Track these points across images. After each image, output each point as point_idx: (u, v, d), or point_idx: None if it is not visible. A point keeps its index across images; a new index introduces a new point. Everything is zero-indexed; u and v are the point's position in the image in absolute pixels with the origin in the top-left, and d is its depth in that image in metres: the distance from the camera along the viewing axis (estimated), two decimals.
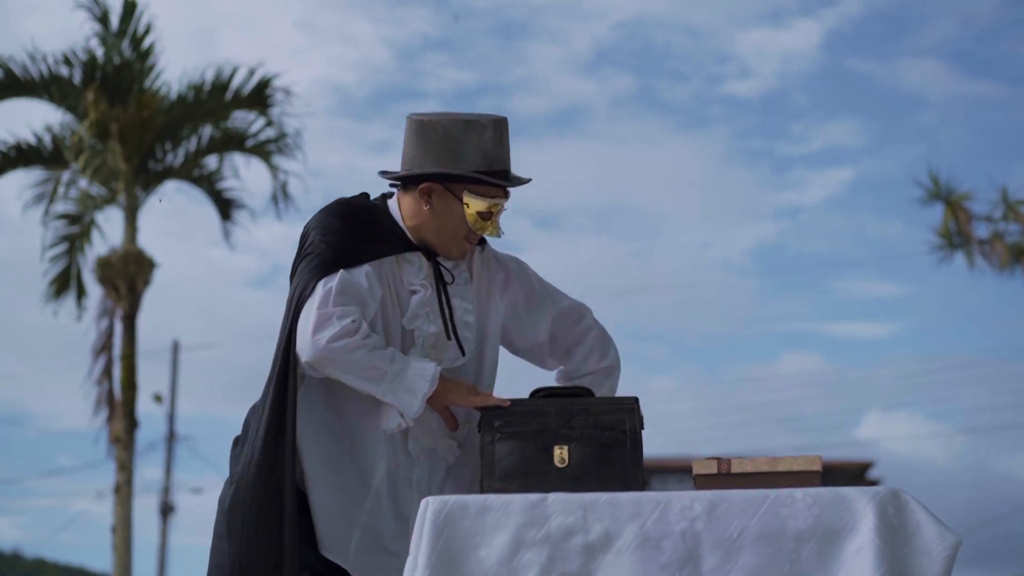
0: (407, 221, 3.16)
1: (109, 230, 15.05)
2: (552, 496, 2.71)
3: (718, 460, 2.85)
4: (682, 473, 22.44)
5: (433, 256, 3.16)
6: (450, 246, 3.15)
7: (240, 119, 15.01)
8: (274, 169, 15.04)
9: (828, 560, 2.63)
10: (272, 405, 3.00)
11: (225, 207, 15.48)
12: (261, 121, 14.96)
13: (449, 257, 3.17)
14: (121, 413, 14.44)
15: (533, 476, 2.91)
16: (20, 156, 14.65)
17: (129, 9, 14.72)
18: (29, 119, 18.56)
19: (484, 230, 3.12)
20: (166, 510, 24.31)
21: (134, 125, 14.21)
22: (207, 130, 14.94)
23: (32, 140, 14.61)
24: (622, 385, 3.37)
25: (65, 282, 14.63)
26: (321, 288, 3.00)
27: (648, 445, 3.02)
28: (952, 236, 14.85)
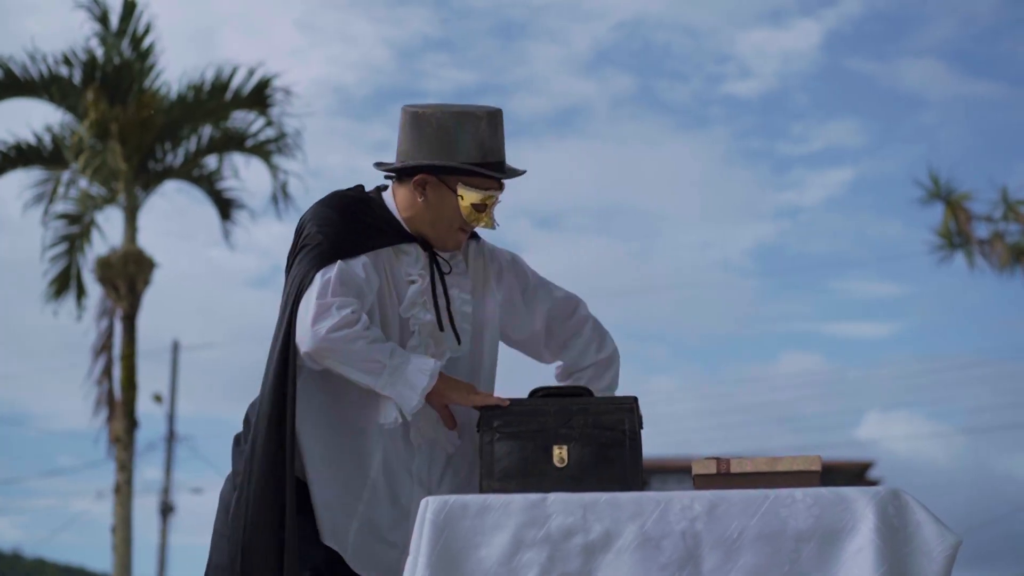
0: (402, 212, 3.16)
1: (109, 230, 15.08)
2: (552, 496, 2.71)
3: (718, 460, 2.84)
4: (682, 473, 22.43)
5: (429, 247, 3.17)
6: (445, 237, 3.15)
7: (240, 119, 15.01)
8: (274, 169, 15.03)
9: (828, 560, 2.63)
10: (272, 399, 2.99)
11: (225, 207, 15.47)
12: (261, 121, 14.96)
13: (444, 248, 3.18)
14: (121, 413, 14.43)
15: (532, 476, 2.91)
16: (20, 156, 14.64)
17: (129, 9, 14.72)
18: (29, 119, 18.59)
19: (478, 222, 3.12)
20: (166, 510, 24.32)
21: (134, 125, 14.20)
22: (207, 130, 14.93)
23: (32, 140, 14.60)
24: (622, 385, 3.36)
25: (65, 282, 14.62)
26: (320, 279, 2.99)
27: (648, 445, 3.02)
28: (952, 236, 14.85)
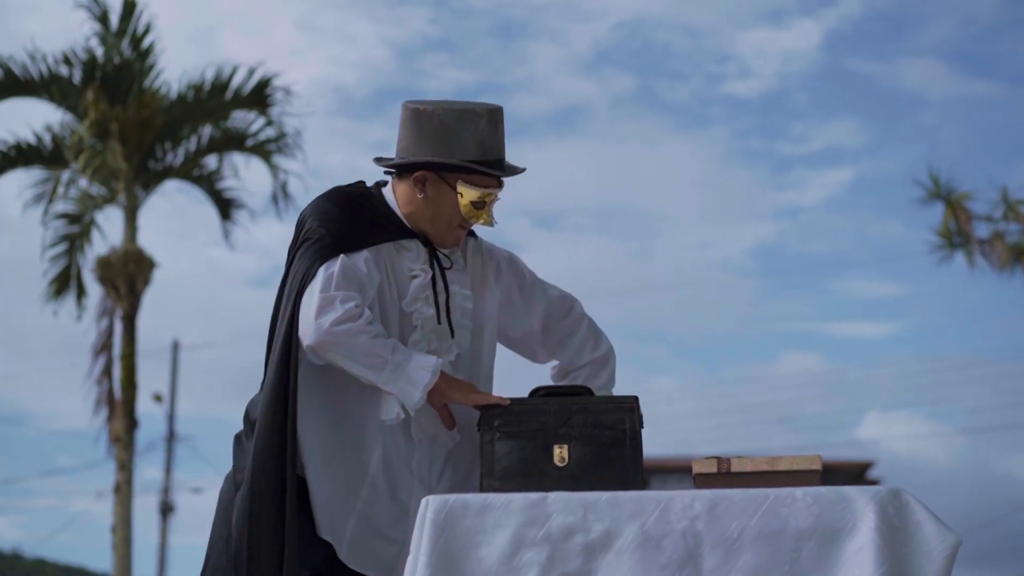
0: (402, 208, 3.17)
1: (109, 230, 15.07)
2: (552, 495, 2.71)
3: (718, 459, 2.84)
4: (682, 473, 22.43)
5: (430, 243, 3.17)
6: (444, 234, 3.16)
7: (240, 119, 15.00)
8: (274, 169, 15.03)
9: (828, 559, 2.62)
10: (274, 394, 2.99)
11: (225, 207, 15.46)
12: (261, 121, 14.96)
13: (443, 245, 3.18)
14: (121, 413, 14.43)
15: (533, 475, 2.91)
16: (20, 156, 14.64)
17: (129, 9, 14.71)
18: (29, 119, 18.61)
19: (478, 219, 3.13)
20: (166, 510, 24.32)
21: (134, 125, 14.20)
22: (207, 130, 14.92)
23: (32, 140, 14.59)
24: (621, 385, 3.37)
25: (65, 282, 14.61)
26: (323, 273, 3.00)
27: (648, 445, 3.01)
28: (952, 236, 14.85)
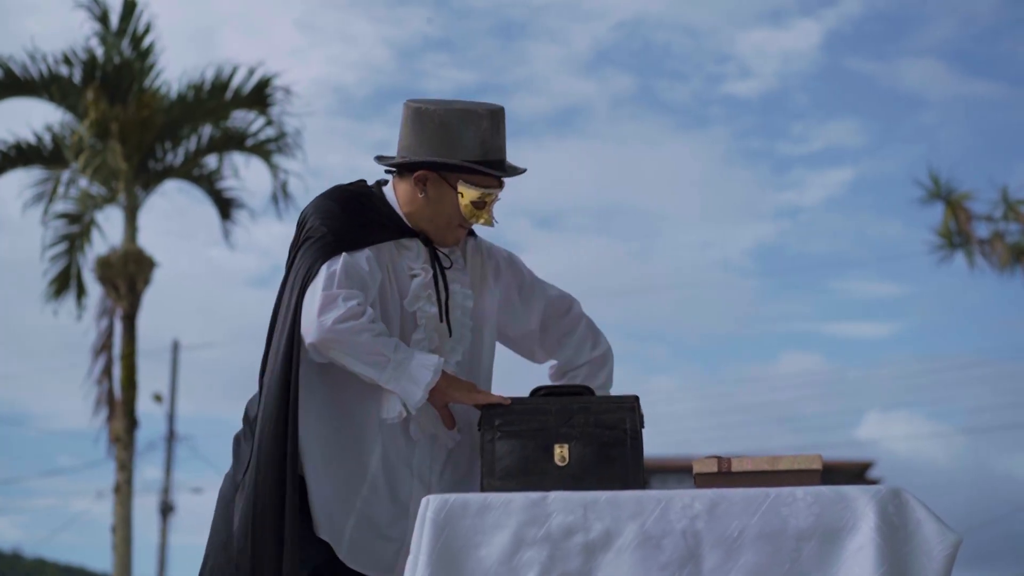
0: (403, 207, 3.17)
1: (109, 229, 15.09)
2: (553, 495, 2.71)
3: (718, 459, 2.84)
4: (682, 473, 22.44)
5: (430, 242, 3.18)
6: (444, 233, 3.17)
7: (240, 118, 15.00)
8: (274, 168, 15.03)
9: (829, 559, 2.62)
10: (278, 392, 2.98)
11: (225, 207, 15.47)
12: (261, 120, 14.96)
13: (443, 244, 3.19)
14: (121, 413, 14.43)
15: (533, 475, 2.91)
16: (20, 155, 14.64)
17: (129, 8, 14.72)
18: (29, 118, 18.67)
19: (478, 219, 3.13)
20: (166, 510, 24.32)
21: (134, 124, 14.21)
22: (207, 129, 14.93)
23: (32, 139, 14.60)
24: (621, 385, 3.37)
25: (65, 282, 14.61)
26: (325, 271, 3.00)
27: (648, 445, 3.01)
28: (952, 236, 14.85)
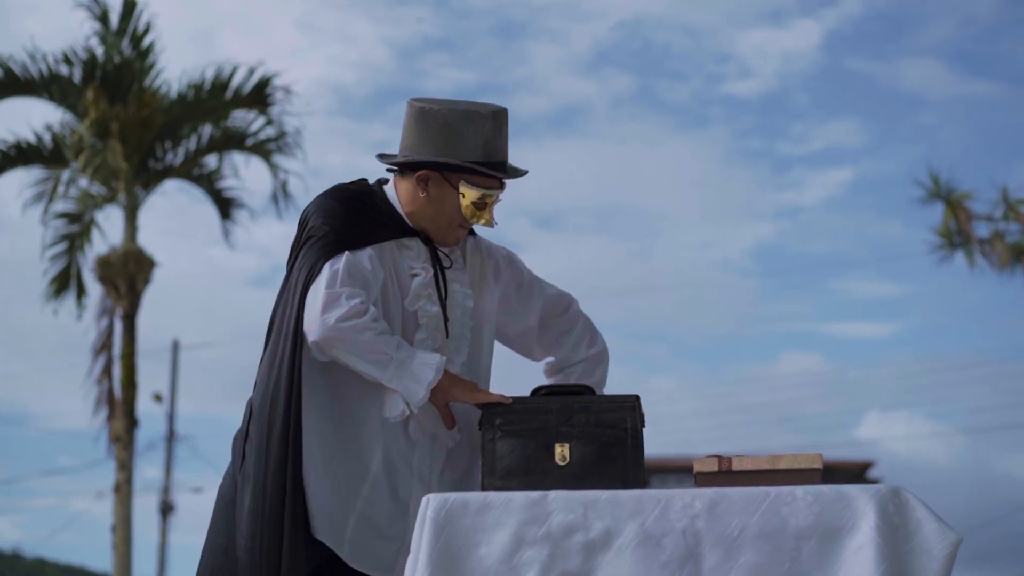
0: (404, 207, 3.18)
1: (109, 229, 15.08)
2: (553, 494, 2.71)
3: (719, 458, 2.84)
4: (682, 473, 22.45)
5: (431, 241, 3.19)
6: (445, 233, 3.17)
7: (240, 118, 14.99)
8: (274, 168, 15.02)
9: (829, 558, 2.63)
10: (277, 391, 2.99)
11: (225, 206, 15.46)
12: (261, 120, 14.96)
13: (443, 243, 3.20)
14: (121, 412, 14.43)
15: (534, 474, 2.91)
16: (20, 155, 14.63)
17: (129, 8, 14.71)
18: (29, 118, 18.67)
19: (479, 219, 3.14)
20: (166, 509, 24.32)
21: (134, 124, 14.20)
22: (207, 129, 14.92)
23: (32, 139, 14.59)
24: (621, 385, 3.37)
25: (65, 281, 14.61)
26: (328, 269, 3.01)
27: (648, 445, 3.01)
28: (952, 236, 14.86)
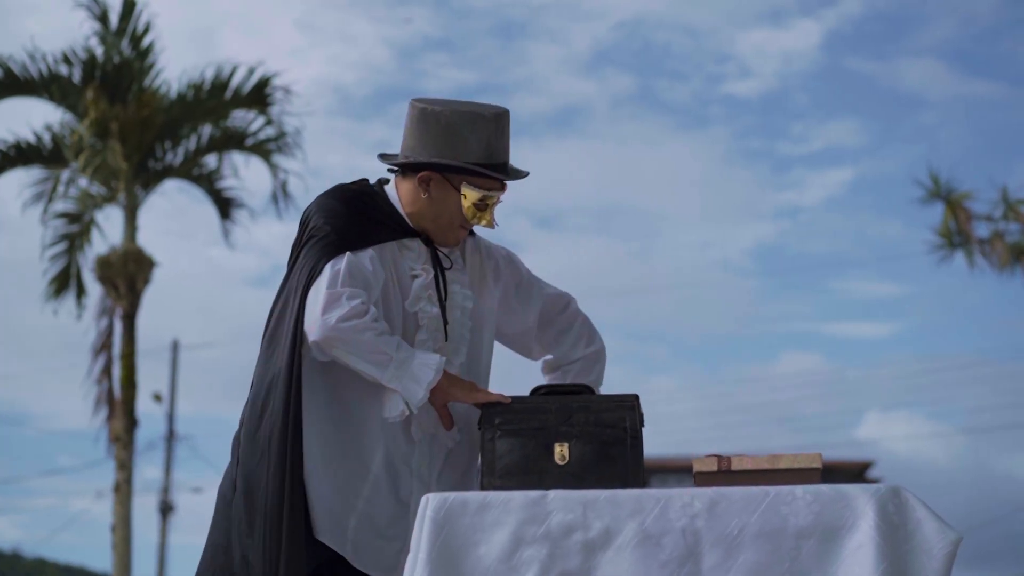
0: (405, 207, 3.19)
1: (109, 229, 15.08)
2: (552, 493, 2.71)
3: (718, 457, 2.84)
4: (682, 473, 22.45)
5: (431, 242, 3.19)
6: (446, 233, 3.18)
7: (240, 118, 14.99)
8: (274, 168, 15.02)
9: (828, 557, 2.62)
10: (277, 391, 2.99)
11: (225, 206, 15.46)
12: (261, 120, 14.95)
13: (444, 244, 3.20)
14: (121, 412, 14.42)
15: (533, 473, 2.91)
16: (20, 155, 14.63)
17: (128, 8, 14.71)
18: (29, 118, 18.68)
19: (480, 221, 3.15)
20: (166, 509, 24.32)
21: (134, 124, 14.20)
22: (207, 129, 14.92)
23: (32, 139, 14.59)
24: (621, 385, 3.37)
25: (65, 281, 14.60)
26: (329, 269, 3.01)
27: (648, 445, 3.01)
28: (952, 236, 14.86)
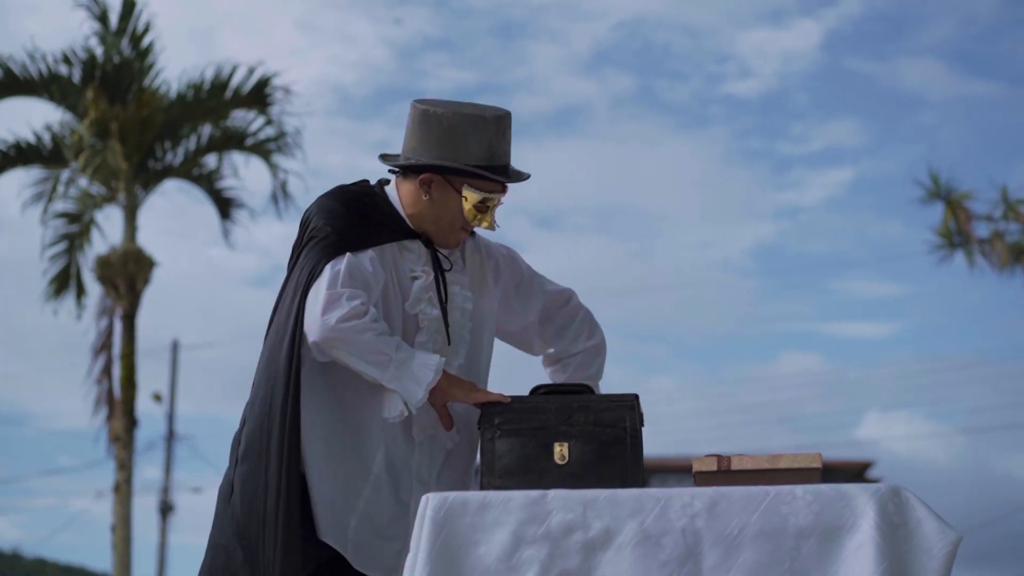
0: (406, 209, 3.19)
1: (109, 229, 15.07)
2: (552, 493, 2.71)
3: (718, 457, 2.84)
4: (682, 473, 22.44)
5: (431, 244, 3.19)
6: (446, 235, 3.18)
7: (240, 118, 14.98)
8: (274, 168, 15.01)
9: (828, 557, 2.62)
10: (276, 391, 2.99)
11: (225, 206, 15.45)
12: (261, 120, 14.95)
13: (444, 245, 3.20)
14: (121, 412, 14.42)
15: (533, 473, 2.91)
16: (20, 155, 14.62)
17: (128, 8, 14.70)
18: (29, 118, 18.65)
19: (480, 223, 3.15)
20: (166, 509, 24.31)
21: (134, 124, 14.19)
22: (207, 129, 14.91)
23: (32, 139, 14.58)
24: (621, 385, 3.37)
25: (65, 281, 14.60)
26: (329, 270, 3.02)
27: (648, 445, 3.01)
28: (952, 236, 14.86)
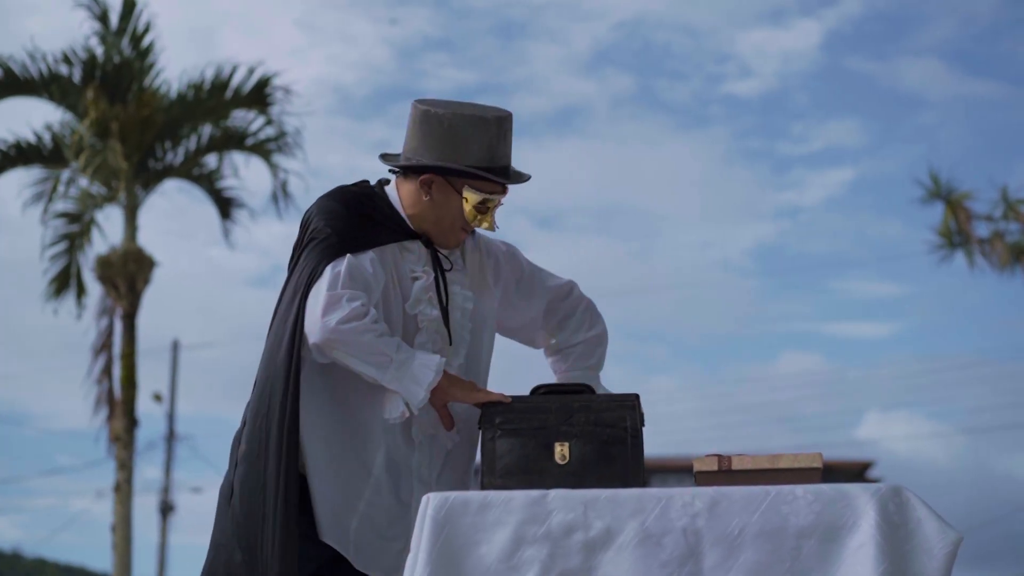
0: (406, 209, 3.19)
1: (109, 229, 15.08)
2: (553, 493, 2.71)
3: (719, 457, 2.84)
4: (683, 473, 22.44)
5: (431, 244, 3.19)
6: (447, 235, 3.19)
7: (240, 118, 15.00)
8: (274, 168, 15.03)
9: (829, 557, 2.62)
10: (276, 392, 2.99)
11: (225, 206, 15.46)
12: (261, 120, 14.96)
13: (444, 246, 3.21)
14: (121, 412, 14.43)
15: (534, 473, 2.90)
16: (20, 155, 14.64)
17: (129, 8, 14.72)
18: (29, 118, 18.67)
19: (481, 223, 3.15)
20: (166, 509, 24.31)
21: (134, 124, 14.20)
22: (207, 129, 14.93)
23: (32, 139, 14.60)
24: (621, 384, 3.37)
25: (65, 281, 14.61)
26: (330, 271, 3.02)
27: (648, 445, 3.01)
28: (952, 235, 14.86)
